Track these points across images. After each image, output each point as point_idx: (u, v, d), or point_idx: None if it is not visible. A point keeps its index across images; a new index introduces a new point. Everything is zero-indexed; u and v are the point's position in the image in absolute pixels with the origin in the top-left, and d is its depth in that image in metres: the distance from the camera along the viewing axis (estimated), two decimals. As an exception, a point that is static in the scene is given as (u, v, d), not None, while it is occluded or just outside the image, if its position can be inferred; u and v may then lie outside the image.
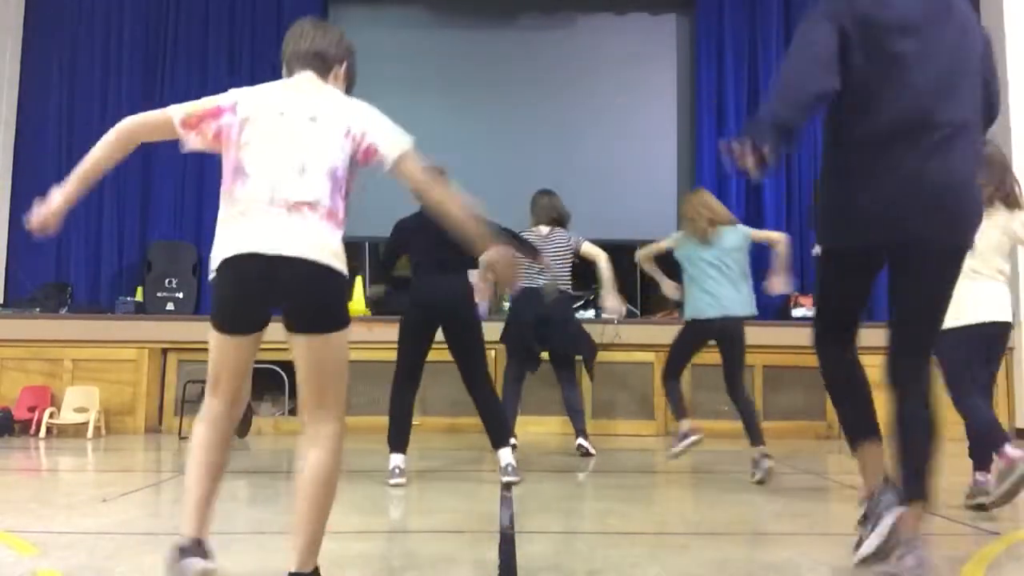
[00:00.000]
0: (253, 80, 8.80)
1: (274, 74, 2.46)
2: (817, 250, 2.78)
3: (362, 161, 2.26)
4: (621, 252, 9.07)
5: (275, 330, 2.19)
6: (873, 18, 2.37)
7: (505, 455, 4.34)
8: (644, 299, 8.68)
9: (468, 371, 4.44)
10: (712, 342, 4.79)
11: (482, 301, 5.18)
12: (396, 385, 4.41)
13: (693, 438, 4.67)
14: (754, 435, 4.57)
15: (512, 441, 5.47)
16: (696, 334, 4.76)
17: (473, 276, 4.65)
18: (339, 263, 2.15)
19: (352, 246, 8.73)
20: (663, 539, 3.20)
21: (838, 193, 2.48)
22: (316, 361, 2.15)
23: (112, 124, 2.48)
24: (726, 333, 4.67)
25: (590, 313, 7.23)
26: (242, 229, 2.13)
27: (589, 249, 5.71)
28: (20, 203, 8.07)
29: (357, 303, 7.50)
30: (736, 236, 4.79)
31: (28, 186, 8.12)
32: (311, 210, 2.13)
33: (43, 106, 8.18)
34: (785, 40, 8.37)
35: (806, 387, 6.83)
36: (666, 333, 7.24)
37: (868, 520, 2.40)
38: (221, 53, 8.20)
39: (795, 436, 6.88)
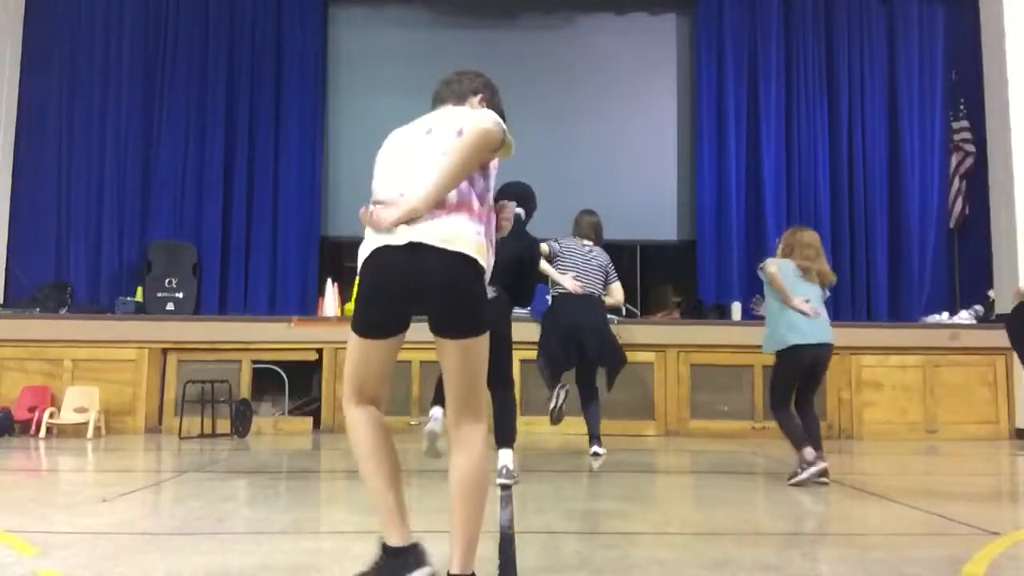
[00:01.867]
0: (252, 80, 8.84)
1: (274, 74, 2.44)
2: None
3: None
4: (621, 252, 9.10)
5: (276, 331, 2.19)
6: None
7: (504, 456, 4.33)
8: (644, 299, 8.68)
9: (493, 374, 4.39)
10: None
11: None
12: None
13: (817, 467, 4.37)
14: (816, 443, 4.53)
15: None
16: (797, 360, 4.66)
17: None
18: (476, 253, 2.17)
19: (352, 246, 8.80)
20: (663, 539, 3.20)
21: None
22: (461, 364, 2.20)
23: (112, 124, 2.49)
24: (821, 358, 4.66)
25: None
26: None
27: (616, 290, 5.85)
28: (20, 203, 8.08)
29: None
30: None
31: (28, 186, 8.13)
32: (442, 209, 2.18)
33: (43, 106, 8.18)
34: (785, 40, 8.38)
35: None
36: (666, 333, 7.28)
37: None
38: (221, 54, 8.19)
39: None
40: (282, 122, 8.16)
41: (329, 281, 7.43)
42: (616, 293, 5.84)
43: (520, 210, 4.49)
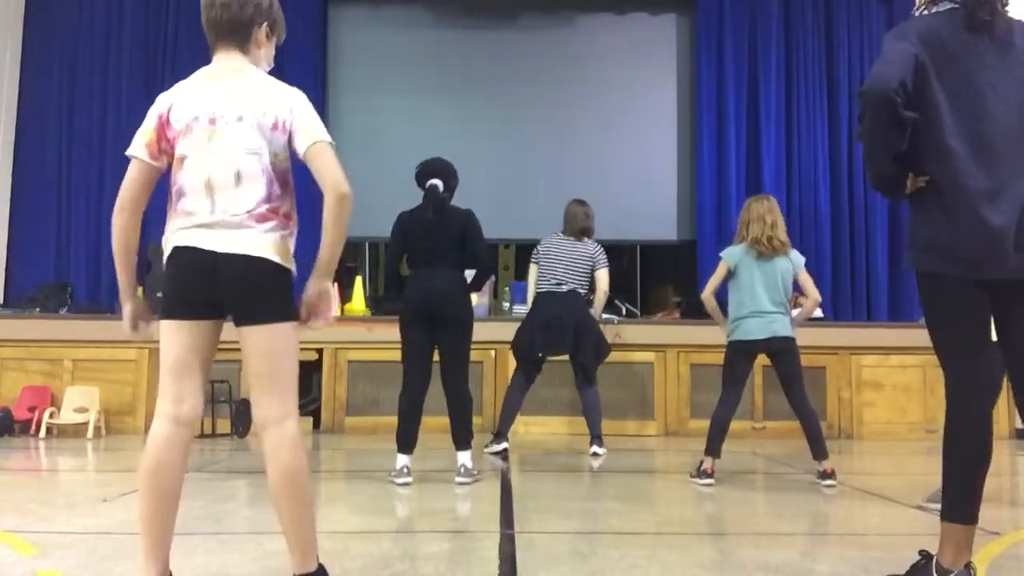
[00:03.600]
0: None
1: (274, 73, 2.43)
2: None
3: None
4: (621, 252, 9.10)
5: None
6: None
7: (463, 456, 4.35)
8: (644, 299, 8.68)
9: (448, 367, 4.43)
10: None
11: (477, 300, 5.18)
12: (403, 385, 4.42)
13: (704, 481, 4.41)
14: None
15: (504, 445, 5.50)
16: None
17: (469, 274, 4.64)
18: (277, 256, 2.13)
19: (352, 246, 8.82)
20: (663, 539, 3.20)
21: None
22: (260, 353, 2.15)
23: (112, 124, 2.49)
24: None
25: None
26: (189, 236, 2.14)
27: (600, 277, 5.80)
28: (20, 203, 8.07)
29: (357, 303, 7.50)
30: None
31: (28, 186, 8.12)
32: (251, 218, 2.12)
33: (43, 106, 8.18)
34: (785, 40, 8.37)
35: (806, 387, 6.81)
36: (666, 333, 7.27)
37: None
38: (221, 53, 8.18)
39: (795, 436, 6.85)
40: (282, 122, 8.14)
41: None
42: (601, 282, 5.80)
43: (438, 181, 4.51)
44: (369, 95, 8.40)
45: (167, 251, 2.20)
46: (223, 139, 2.14)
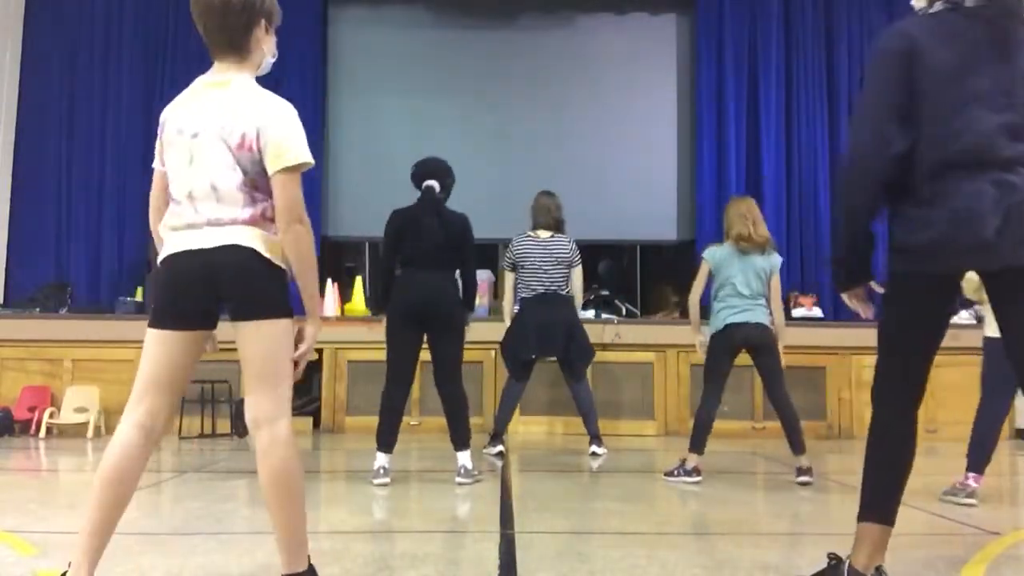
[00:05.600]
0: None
1: (274, 73, 2.43)
2: None
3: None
4: (621, 252, 9.10)
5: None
6: None
7: (463, 457, 4.35)
8: (644, 299, 8.68)
9: (442, 369, 4.42)
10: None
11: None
12: (386, 385, 4.40)
13: (692, 479, 4.50)
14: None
15: (500, 448, 5.50)
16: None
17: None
18: (267, 252, 2.13)
19: (352, 246, 8.82)
20: (663, 539, 3.20)
21: None
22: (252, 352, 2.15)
23: (112, 124, 2.49)
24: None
25: (589, 313, 7.22)
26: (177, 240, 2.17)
27: (576, 275, 5.78)
28: (20, 203, 8.07)
29: (357, 303, 7.50)
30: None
31: (28, 186, 8.12)
32: (236, 223, 2.13)
33: (43, 106, 8.18)
34: (785, 40, 8.37)
35: (806, 387, 6.82)
36: (666, 333, 7.27)
37: None
38: (221, 53, 8.18)
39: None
40: (282, 122, 8.14)
41: (329, 281, 7.44)
42: (575, 279, 5.76)
43: (434, 183, 4.50)
44: (369, 95, 8.40)
45: (161, 255, 2.21)
46: (200, 154, 2.15)
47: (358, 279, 7.71)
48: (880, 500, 2.31)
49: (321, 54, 8.38)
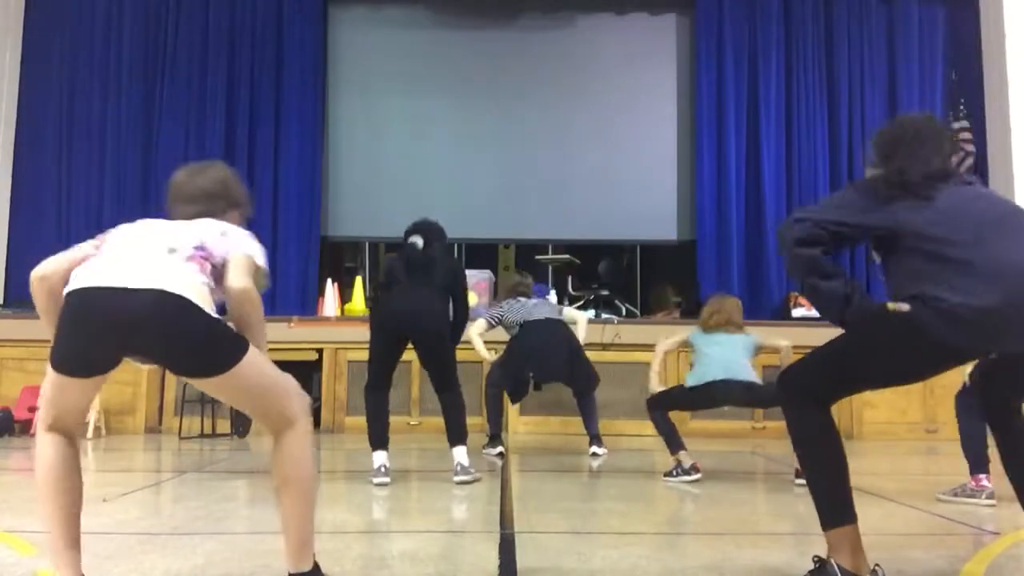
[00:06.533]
0: (252, 80, 8.80)
1: (274, 74, 2.43)
2: None
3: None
4: (621, 252, 9.10)
5: (276, 331, 2.20)
6: None
7: (458, 453, 4.36)
8: (644, 299, 8.68)
9: (437, 378, 4.51)
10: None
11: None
12: (367, 391, 4.51)
13: (692, 477, 4.53)
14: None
15: (500, 448, 5.51)
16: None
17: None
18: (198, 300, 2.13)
19: (352, 246, 8.82)
20: (663, 539, 3.20)
21: None
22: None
23: (112, 124, 2.50)
24: None
25: (590, 313, 7.22)
26: None
27: (578, 316, 5.99)
28: (20, 203, 8.08)
29: (357, 303, 7.50)
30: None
31: (28, 186, 8.13)
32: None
33: (43, 106, 8.18)
34: (785, 40, 8.37)
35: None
36: (666, 333, 7.25)
37: None
38: (220, 54, 8.19)
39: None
40: (282, 122, 8.15)
41: (329, 281, 7.44)
42: (580, 319, 5.92)
43: (418, 239, 4.55)
44: (369, 95, 8.40)
45: (66, 290, 2.14)
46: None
47: (358, 279, 7.70)
48: (841, 503, 2.32)
49: (321, 54, 8.38)
